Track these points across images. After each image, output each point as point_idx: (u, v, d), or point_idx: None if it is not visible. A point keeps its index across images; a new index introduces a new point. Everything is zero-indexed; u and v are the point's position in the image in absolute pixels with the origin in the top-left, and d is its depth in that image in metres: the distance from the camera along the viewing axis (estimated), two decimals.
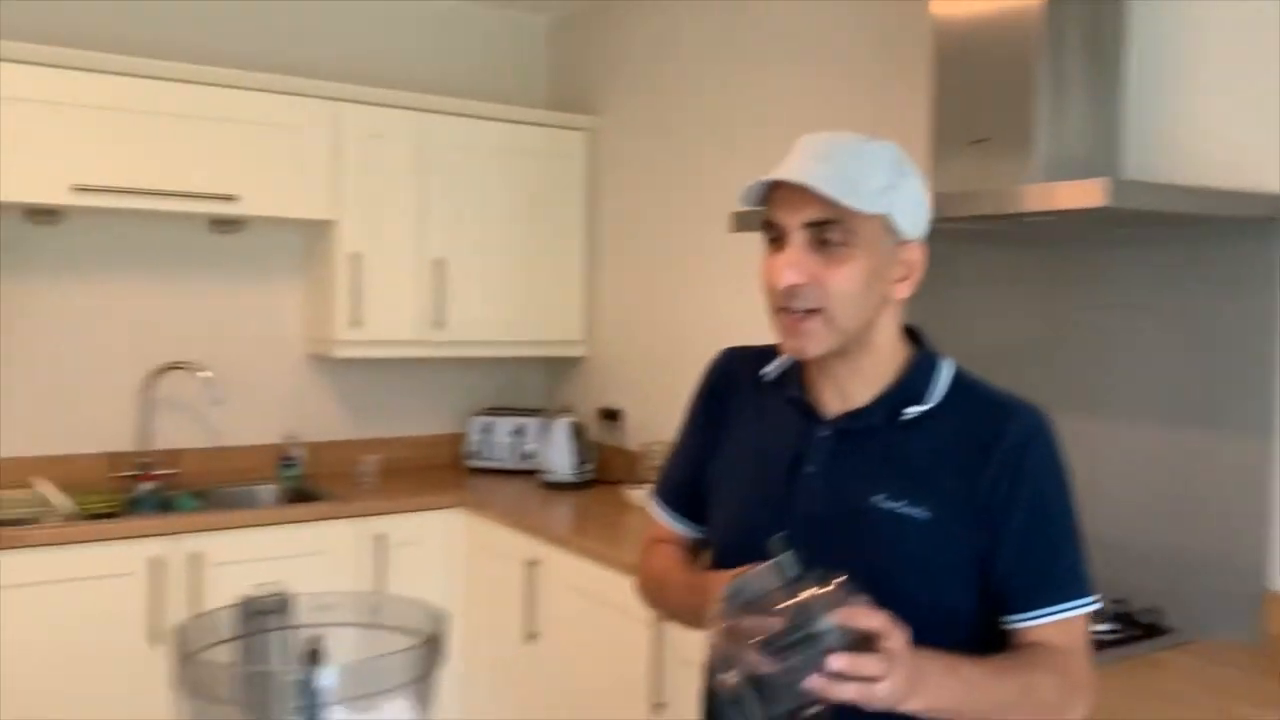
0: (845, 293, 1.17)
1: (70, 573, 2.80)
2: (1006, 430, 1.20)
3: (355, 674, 0.92)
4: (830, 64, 2.91)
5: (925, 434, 1.23)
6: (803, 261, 1.18)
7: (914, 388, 1.25)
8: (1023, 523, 1.19)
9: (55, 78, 2.94)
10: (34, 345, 3.26)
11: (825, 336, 1.19)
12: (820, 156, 1.18)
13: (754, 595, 1.01)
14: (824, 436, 1.26)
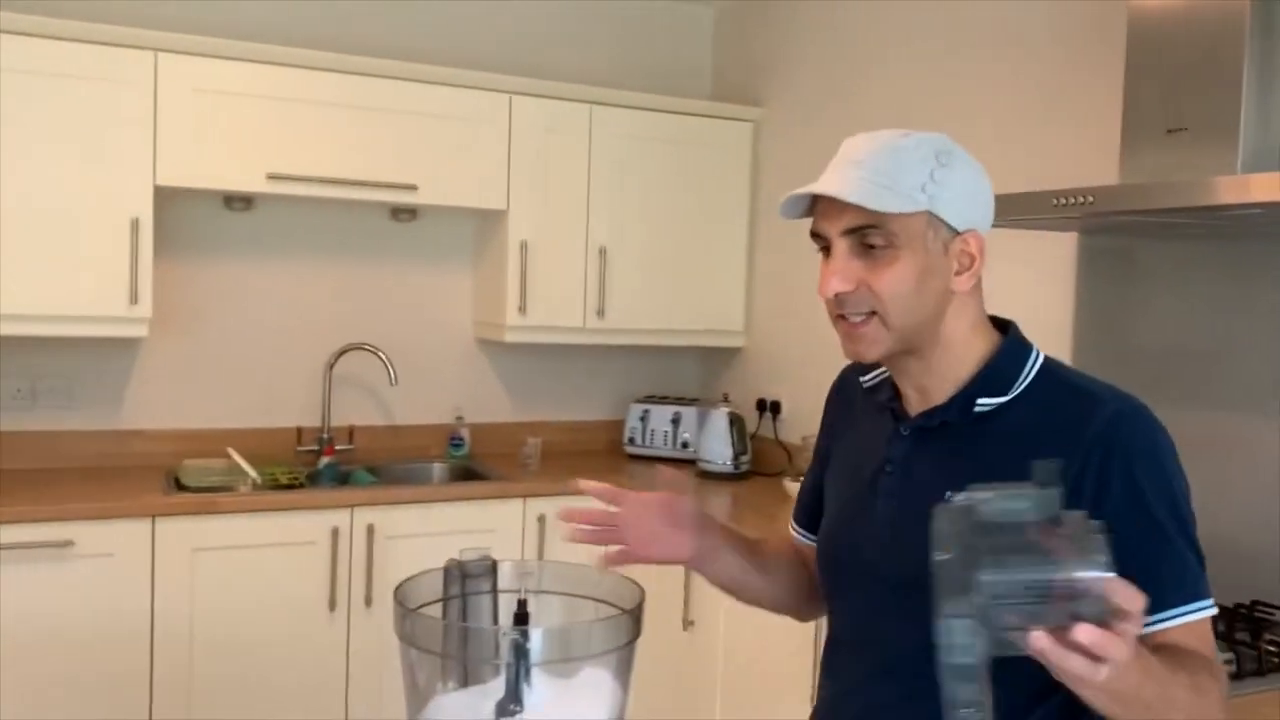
0: (896, 294, 1.16)
1: (258, 539, 2.98)
2: (1094, 415, 1.14)
3: (560, 638, 0.96)
4: (1009, 51, 2.83)
5: (1003, 425, 1.19)
6: (848, 268, 1.17)
7: (994, 380, 1.21)
8: (1118, 512, 1.06)
9: (251, 72, 3.13)
10: (228, 324, 3.49)
11: (882, 339, 1.19)
12: (854, 161, 1.17)
13: (999, 517, 0.89)
14: (903, 436, 1.26)
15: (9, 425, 3.22)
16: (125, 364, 3.36)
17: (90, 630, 2.79)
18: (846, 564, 1.31)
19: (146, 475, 3.18)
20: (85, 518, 2.80)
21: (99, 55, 2.94)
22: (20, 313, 2.90)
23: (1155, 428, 1.15)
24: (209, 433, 3.43)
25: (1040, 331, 2.69)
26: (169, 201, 3.20)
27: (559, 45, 3.87)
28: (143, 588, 2.85)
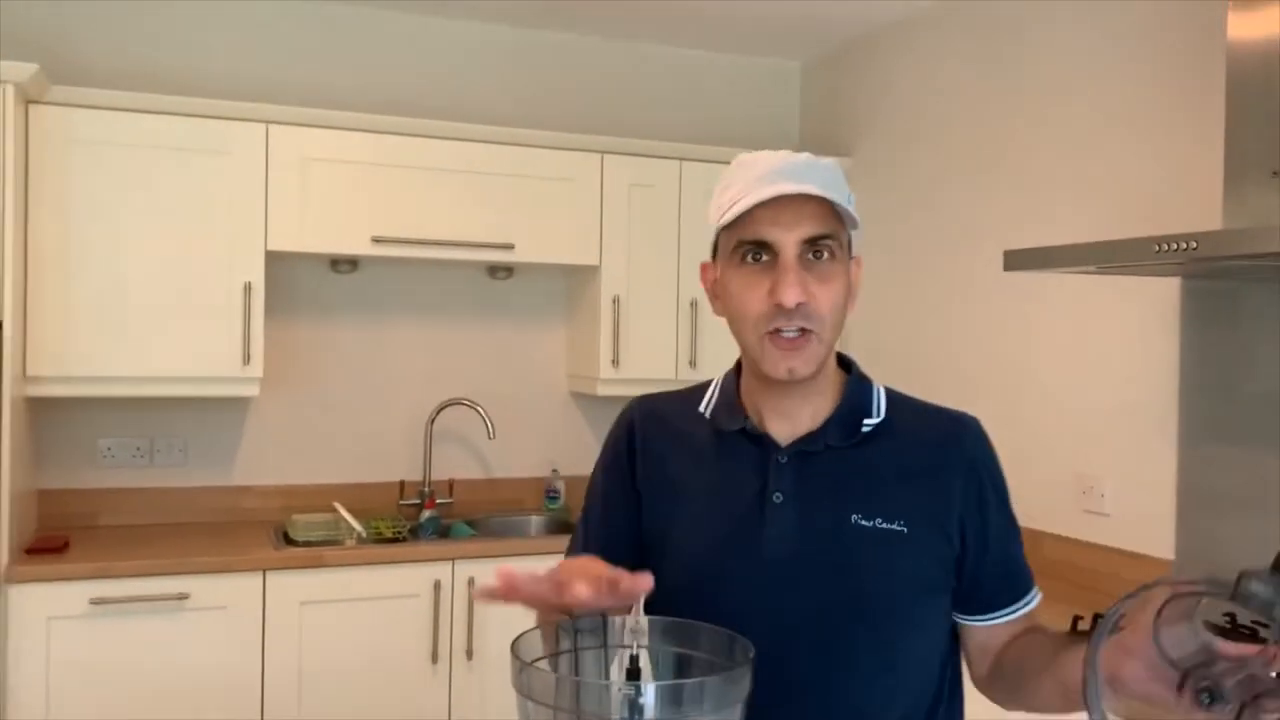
0: (832, 308, 1.17)
1: (363, 592, 3.05)
2: (962, 437, 1.25)
3: (673, 693, 0.97)
4: (1102, 93, 2.81)
5: (883, 448, 1.23)
6: (802, 279, 1.14)
7: (859, 403, 1.24)
8: (998, 524, 1.24)
9: (355, 140, 3.26)
10: (333, 382, 3.61)
11: (818, 355, 1.18)
12: (798, 172, 1.14)
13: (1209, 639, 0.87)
14: (784, 463, 1.22)
15: (129, 482, 3.37)
16: (236, 422, 3.50)
17: (205, 680, 2.89)
18: (735, 599, 1.19)
19: (257, 530, 3.29)
20: (200, 571, 2.90)
21: (214, 129, 3.11)
22: (141, 375, 3.05)
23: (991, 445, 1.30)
24: (315, 488, 3.54)
25: (1146, 376, 2.65)
26: (278, 265, 3.34)
27: (649, 104, 3.95)
28: (254, 639, 2.94)
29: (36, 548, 2.93)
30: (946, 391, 3.21)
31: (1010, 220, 3.11)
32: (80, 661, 2.79)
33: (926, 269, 3.47)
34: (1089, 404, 2.84)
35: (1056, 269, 2.38)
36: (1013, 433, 3.08)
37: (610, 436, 1.38)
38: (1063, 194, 2.93)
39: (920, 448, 1.23)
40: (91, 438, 3.34)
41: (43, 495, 3.26)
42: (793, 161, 1.16)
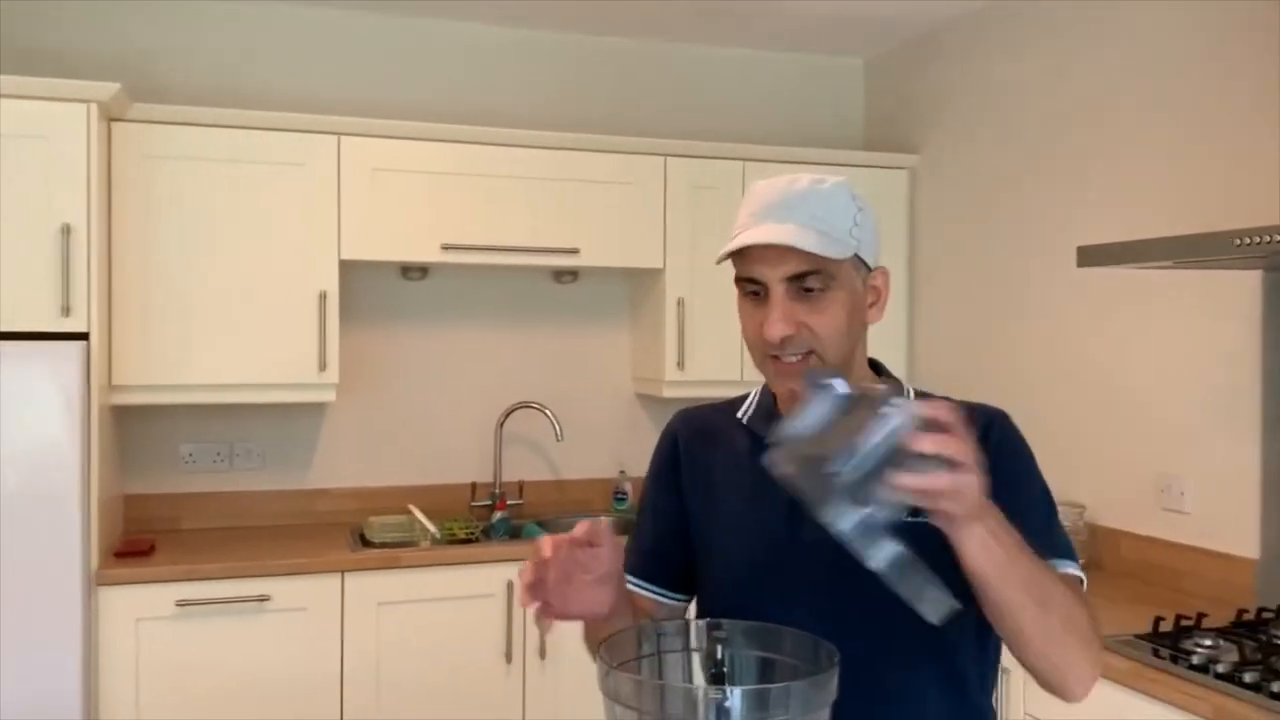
0: (832, 333, 1.22)
1: (438, 593, 3.11)
2: (988, 423, 1.25)
3: (758, 698, 0.99)
4: (1170, 86, 2.76)
5: None
6: (790, 312, 1.21)
7: None
8: (1008, 487, 1.16)
9: (423, 150, 3.32)
10: (405, 387, 3.67)
11: None
12: (785, 208, 1.20)
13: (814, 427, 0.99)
14: None
15: (209, 486, 3.47)
16: (313, 427, 3.58)
17: (286, 679, 2.96)
18: (776, 594, 1.25)
19: (334, 532, 3.36)
20: (280, 574, 2.98)
21: (287, 142, 3.18)
22: (220, 382, 3.14)
23: (1017, 430, 1.29)
24: (389, 490, 3.60)
25: (1226, 372, 2.59)
26: (351, 273, 3.41)
27: (711, 106, 3.95)
28: (333, 640, 3.00)
29: (124, 551, 3.03)
30: (1019, 392, 3.19)
31: (1081, 216, 3.06)
32: (167, 661, 2.87)
33: (996, 267, 3.43)
34: (1167, 401, 2.79)
35: (1133, 264, 2.34)
36: (1089, 432, 3.03)
37: (656, 450, 1.48)
38: (1133, 189, 2.88)
39: None
40: (173, 444, 3.44)
41: (128, 500, 3.36)
42: (787, 195, 1.22)
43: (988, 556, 1.02)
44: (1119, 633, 2.30)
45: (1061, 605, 1.09)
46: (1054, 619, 1.08)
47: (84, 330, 2.83)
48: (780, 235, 1.18)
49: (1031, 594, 1.06)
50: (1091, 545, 2.97)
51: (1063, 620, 1.09)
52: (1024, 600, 1.06)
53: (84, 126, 2.83)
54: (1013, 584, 1.05)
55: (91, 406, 2.83)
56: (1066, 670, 1.12)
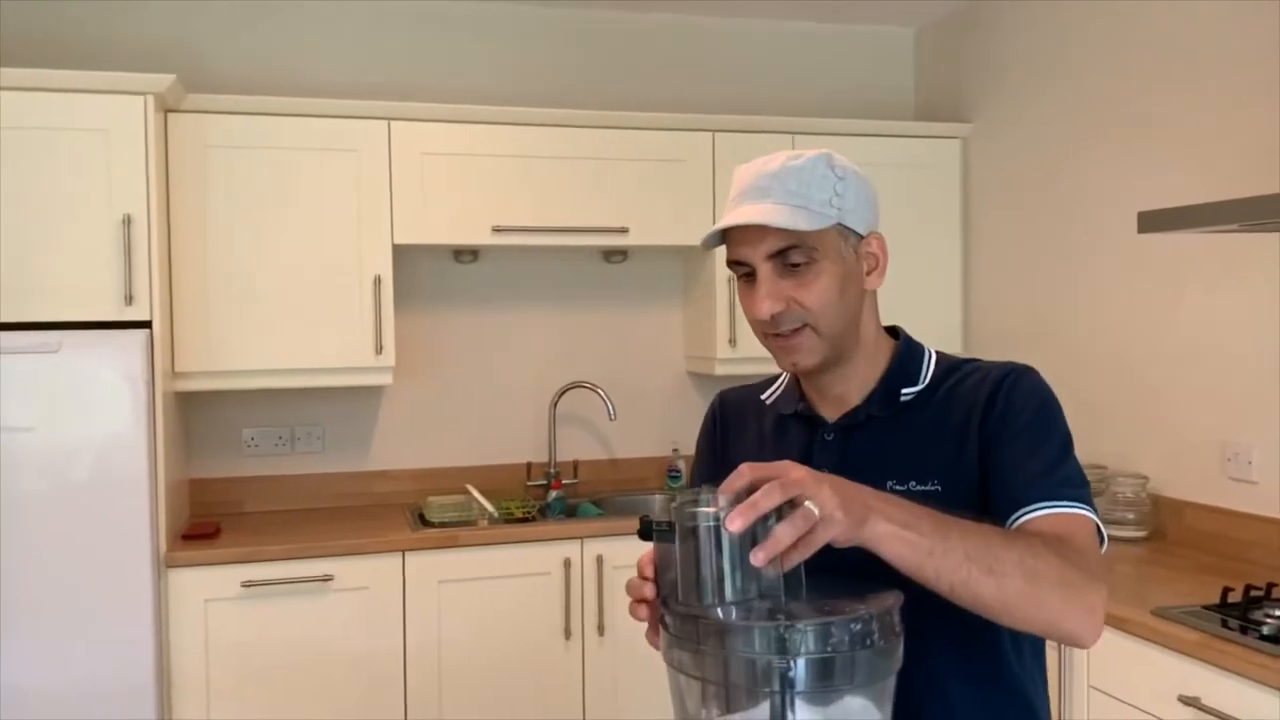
0: (824, 304, 1.23)
1: (497, 571, 3.14)
2: (987, 377, 1.26)
3: (822, 666, 0.98)
4: (1233, 48, 2.68)
5: (921, 413, 1.27)
6: (777, 289, 1.22)
7: (904, 373, 1.30)
8: (1009, 435, 1.21)
9: (472, 133, 3.33)
10: (460, 369, 3.70)
11: (817, 346, 1.25)
12: (760, 190, 1.22)
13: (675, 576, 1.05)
14: (830, 440, 1.30)
15: (271, 470, 3.53)
16: (371, 410, 3.62)
17: (351, 657, 3.02)
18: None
19: (393, 513, 3.41)
20: (343, 554, 3.03)
21: (339, 128, 3.22)
22: (280, 367, 3.19)
23: (1042, 381, 1.26)
24: (447, 470, 3.64)
25: None
26: (404, 257, 3.44)
27: (759, 80, 3.92)
28: (395, 618, 3.05)
29: (191, 534, 3.10)
30: (1077, 362, 3.14)
31: (1141, 182, 2.99)
32: (235, 641, 2.94)
33: (1054, 234, 3.38)
34: (1232, 369, 2.73)
35: (1195, 229, 2.29)
36: (1151, 402, 2.98)
37: (701, 428, 1.52)
38: (1195, 152, 2.81)
39: (955, 404, 1.26)
40: (236, 428, 3.51)
41: (193, 484, 3.44)
42: (761, 175, 1.23)
43: (906, 549, 1.02)
44: (1186, 604, 2.26)
45: (1017, 563, 1.05)
46: (1012, 580, 1.04)
47: (147, 319, 2.89)
48: (752, 215, 1.20)
49: (976, 564, 1.03)
50: (1155, 516, 2.92)
51: (1025, 577, 1.05)
52: (968, 574, 1.03)
53: (141, 119, 2.89)
54: (948, 565, 1.03)
55: (156, 393, 2.89)
56: (1054, 624, 1.09)
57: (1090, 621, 1.09)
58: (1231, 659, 2.00)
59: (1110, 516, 2.90)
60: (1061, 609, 1.08)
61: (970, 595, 1.05)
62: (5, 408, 2.76)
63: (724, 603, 1.02)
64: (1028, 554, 1.07)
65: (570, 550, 3.19)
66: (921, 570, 1.03)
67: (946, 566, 1.03)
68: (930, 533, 1.03)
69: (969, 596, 1.05)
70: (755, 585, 1.01)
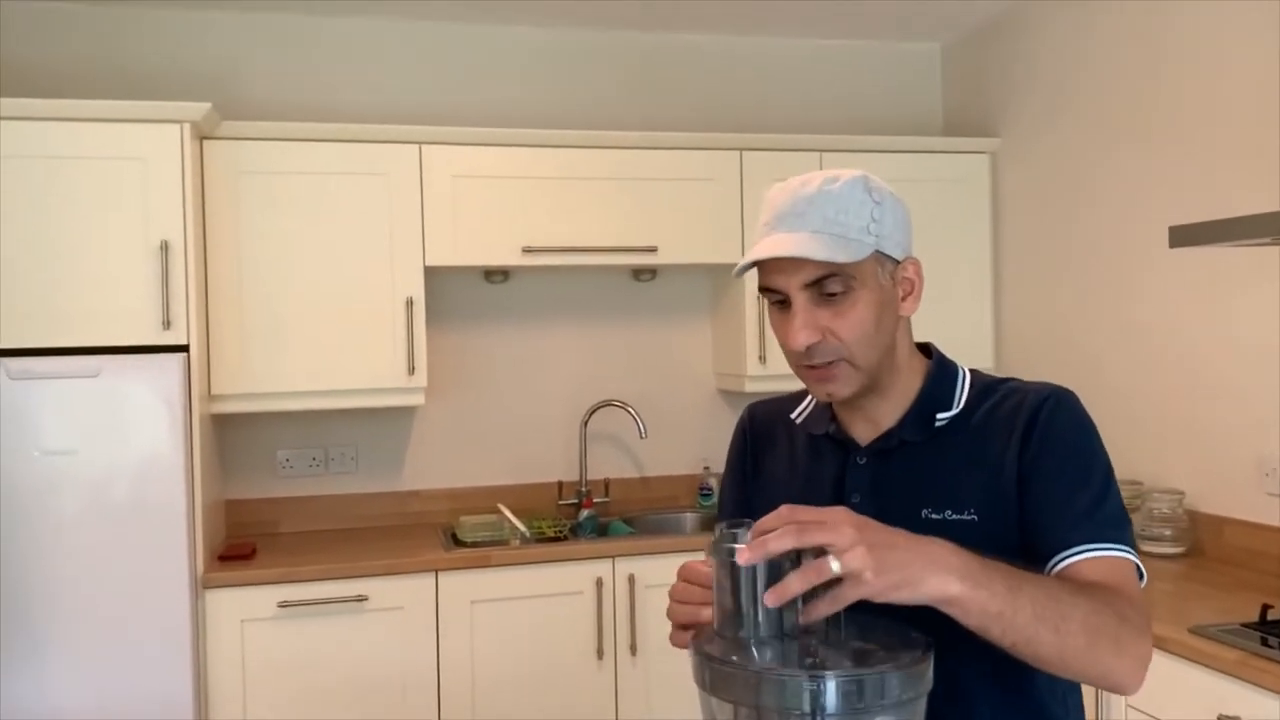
0: (860, 335, 1.20)
1: (529, 590, 3.15)
2: (1024, 403, 1.22)
3: (854, 687, 0.99)
4: (1263, 59, 2.66)
5: (957, 439, 1.24)
6: (812, 319, 1.19)
7: (938, 396, 1.27)
8: (1050, 469, 1.18)
9: (501, 155, 3.37)
10: (491, 388, 3.73)
11: (853, 377, 1.22)
12: (797, 215, 1.18)
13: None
14: (863, 464, 1.27)
15: (306, 490, 3.57)
16: (403, 430, 3.66)
17: (386, 677, 3.04)
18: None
19: (426, 533, 3.43)
20: (376, 574, 3.05)
21: (371, 152, 3.26)
22: (314, 389, 3.23)
23: (1081, 407, 1.23)
24: (479, 490, 3.67)
25: None
26: (435, 279, 3.47)
27: (786, 98, 3.93)
28: (428, 638, 3.07)
29: (228, 555, 3.13)
30: (1109, 378, 3.11)
31: (1172, 194, 2.97)
32: (271, 661, 2.97)
33: (1084, 249, 3.36)
34: (1267, 382, 2.70)
35: (1228, 243, 2.27)
36: (1186, 417, 2.95)
37: (731, 441, 1.50)
38: (1226, 166, 2.79)
39: (990, 429, 1.23)
40: (270, 450, 3.55)
41: (229, 505, 3.48)
42: (797, 200, 1.19)
43: (976, 611, 1.00)
44: (1224, 622, 2.23)
45: (1081, 622, 1.04)
46: (1074, 639, 1.04)
47: (184, 343, 2.94)
48: (788, 246, 1.16)
49: (1044, 624, 1.02)
50: (1192, 532, 2.89)
51: (1087, 635, 1.05)
52: (1034, 633, 1.02)
53: (178, 146, 2.94)
54: (1016, 624, 1.01)
55: (193, 416, 2.94)
56: (1104, 676, 1.08)
57: (1138, 673, 1.10)
58: (1272, 678, 1.97)
59: (1146, 533, 2.87)
60: (1114, 662, 1.07)
61: (1031, 652, 1.04)
62: (47, 431, 2.82)
63: (756, 636, 1.03)
64: (1091, 611, 1.06)
65: (602, 569, 3.20)
66: (988, 630, 1.02)
67: (1014, 626, 1.02)
68: (1003, 594, 1.01)
69: (1029, 653, 1.04)
70: (787, 621, 1.02)
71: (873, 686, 0.99)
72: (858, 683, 0.98)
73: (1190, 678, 2.14)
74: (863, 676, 0.99)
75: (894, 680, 0.99)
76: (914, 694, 1.02)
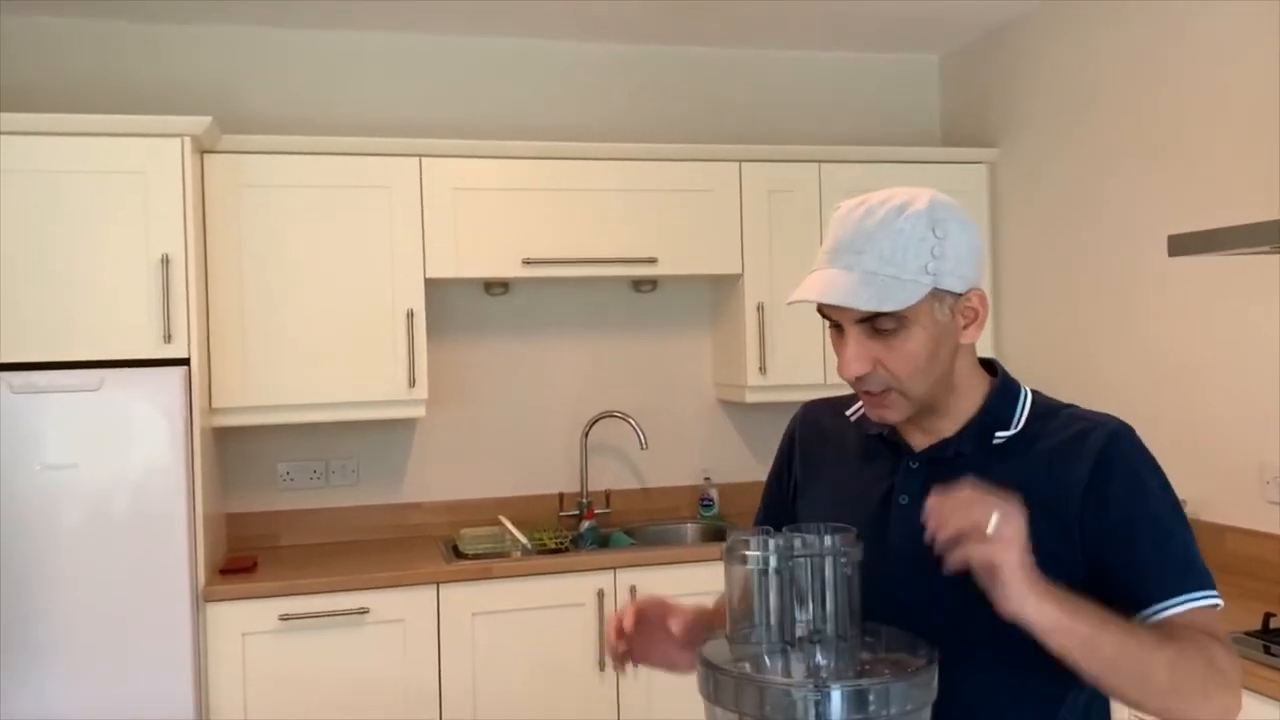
0: (912, 371, 1.20)
1: (531, 602, 3.15)
2: (1089, 437, 1.21)
3: (858, 698, 0.99)
4: (1264, 67, 2.68)
5: (1014, 458, 1.23)
6: (863, 350, 1.20)
7: (998, 414, 1.27)
8: (1123, 515, 1.18)
9: (501, 168, 3.38)
10: (492, 400, 3.73)
11: (903, 406, 1.23)
12: (855, 252, 1.17)
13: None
14: (915, 468, 1.27)
15: (306, 503, 3.56)
16: (404, 442, 3.66)
17: (388, 690, 3.03)
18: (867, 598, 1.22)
19: (427, 545, 3.43)
20: (377, 586, 3.05)
21: (371, 166, 3.27)
22: (315, 402, 3.23)
23: (1143, 445, 1.24)
24: (479, 502, 3.67)
25: None
26: (436, 291, 3.48)
27: (785, 109, 3.95)
28: (430, 650, 3.06)
29: (228, 568, 3.13)
30: (1110, 388, 3.12)
31: (1172, 205, 2.98)
32: (272, 674, 2.96)
33: (1083, 259, 3.36)
34: (1267, 391, 2.70)
35: (1226, 251, 2.28)
36: (1187, 426, 2.95)
37: (782, 437, 1.52)
38: (1223, 175, 2.80)
39: (1050, 454, 1.22)
40: (271, 463, 3.55)
41: (230, 519, 3.47)
42: (858, 233, 1.18)
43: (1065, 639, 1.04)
44: (1228, 631, 2.23)
45: (1165, 670, 1.06)
46: (1156, 687, 1.07)
47: (184, 356, 2.94)
48: (837, 292, 1.16)
49: (1123, 671, 1.06)
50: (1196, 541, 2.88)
51: (1170, 681, 1.07)
52: (1114, 677, 1.06)
53: (179, 160, 2.95)
54: (1095, 664, 1.05)
55: (194, 429, 2.94)
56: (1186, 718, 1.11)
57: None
58: (1276, 686, 1.97)
59: None
60: (1201, 707, 1.10)
61: (1111, 688, 1.09)
62: (48, 445, 2.82)
63: (767, 642, 1.03)
64: (1177, 663, 1.08)
65: (603, 581, 3.19)
66: (1069, 653, 1.05)
67: (1091, 670, 1.06)
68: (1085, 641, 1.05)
69: (1110, 688, 1.09)
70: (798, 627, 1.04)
71: (877, 697, 0.99)
72: (861, 693, 0.99)
73: None
74: (867, 687, 0.99)
75: (898, 690, 0.99)
76: (919, 704, 1.02)
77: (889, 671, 1.04)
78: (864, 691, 0.99)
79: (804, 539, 1.10)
